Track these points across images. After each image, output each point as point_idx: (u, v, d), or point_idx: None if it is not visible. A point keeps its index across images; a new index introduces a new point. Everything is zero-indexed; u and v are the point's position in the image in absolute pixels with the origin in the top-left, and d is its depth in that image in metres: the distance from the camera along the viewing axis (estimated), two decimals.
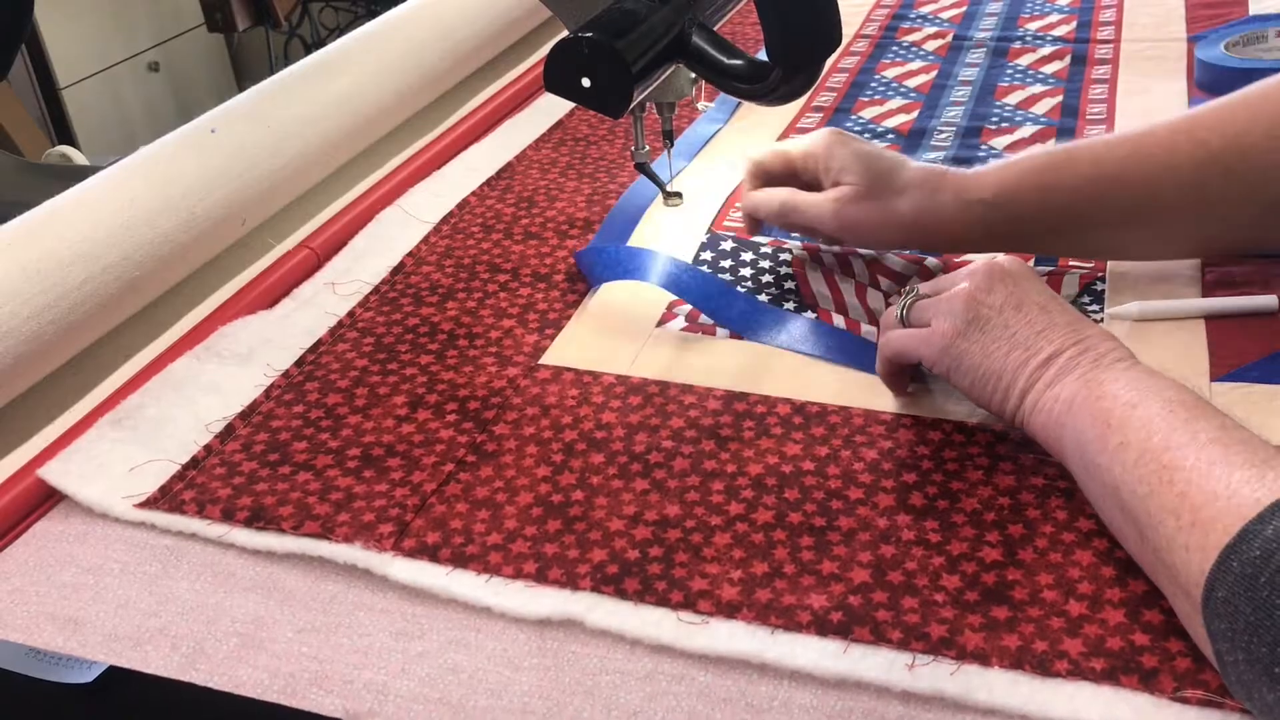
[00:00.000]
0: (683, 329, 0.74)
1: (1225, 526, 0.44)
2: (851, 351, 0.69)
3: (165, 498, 0.62)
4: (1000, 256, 0.62)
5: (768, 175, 0.77)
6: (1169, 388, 0.52)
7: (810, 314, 0.74)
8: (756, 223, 0.79)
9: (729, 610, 0.52)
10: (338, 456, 0.64)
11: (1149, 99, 0.97)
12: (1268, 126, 0.63)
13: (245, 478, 0.63)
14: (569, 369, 0.70)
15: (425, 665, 0.51)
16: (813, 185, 0.75)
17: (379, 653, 0.52)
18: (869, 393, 0.66)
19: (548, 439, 0.64)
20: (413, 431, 0.66)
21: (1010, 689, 0.47)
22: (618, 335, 0.73)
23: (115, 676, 0.53)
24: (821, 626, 0.51)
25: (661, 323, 0.75)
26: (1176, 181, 0.65)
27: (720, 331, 0.73)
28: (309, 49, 2.88)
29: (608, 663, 0.51)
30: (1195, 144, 0.64)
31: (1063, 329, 0.57)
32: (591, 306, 0.77)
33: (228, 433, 0.67)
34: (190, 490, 0.62)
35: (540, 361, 0.71)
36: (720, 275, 0.79)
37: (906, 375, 0.64)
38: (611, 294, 0.78)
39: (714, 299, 0.74)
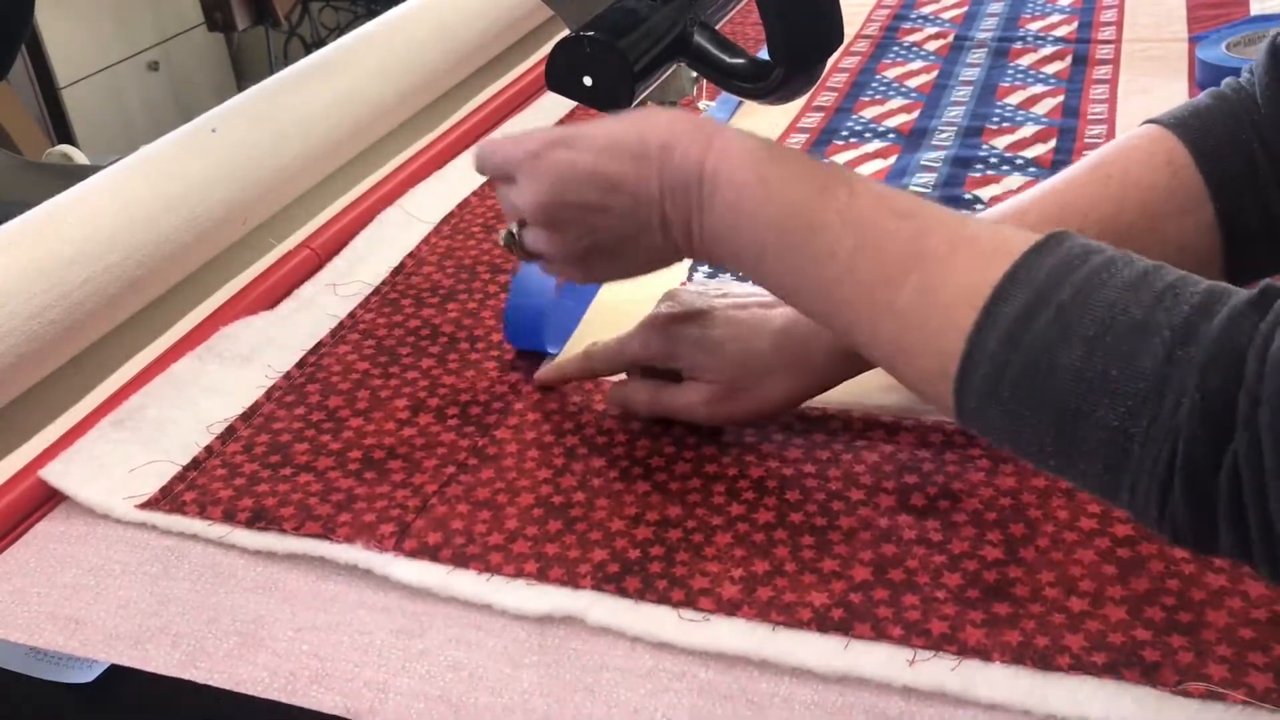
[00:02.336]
0: None
1: (953, 336, 0.44)
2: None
3: (166, 499, 0.62)
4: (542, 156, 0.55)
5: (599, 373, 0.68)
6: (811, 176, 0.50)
7: None
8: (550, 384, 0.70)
9: (730, 607, 0.52)
10: (339, 458, 0.64)
11: (1150, 99, 0.97)
12: (1140, 205, 0.59)
13: (246, 479, 0.63)
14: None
15: (426, 663, 0.51)
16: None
17: (379, 650, 0.52)
18: (871, 392, 0.66)
19: (549, 443, 0.64)
20: (414, 434, 0.65)
21: (1012, 684, 0.47)
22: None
23: (116, 676, 0.53)
24: (822, 623, 0.51)
25: None
26: None
27: None
28: (309, 49, 2.88)
29: (608, 660, 0.51)
30: None
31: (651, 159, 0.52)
32: (594, 310, 0.77)
33: (229, 434, 0.67)
34: (191, 491, 0.62)
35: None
36: (721, 274, 0.78)
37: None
38: (613, 298, 0.78)
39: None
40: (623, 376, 0.67)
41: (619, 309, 0.74)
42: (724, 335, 0.62)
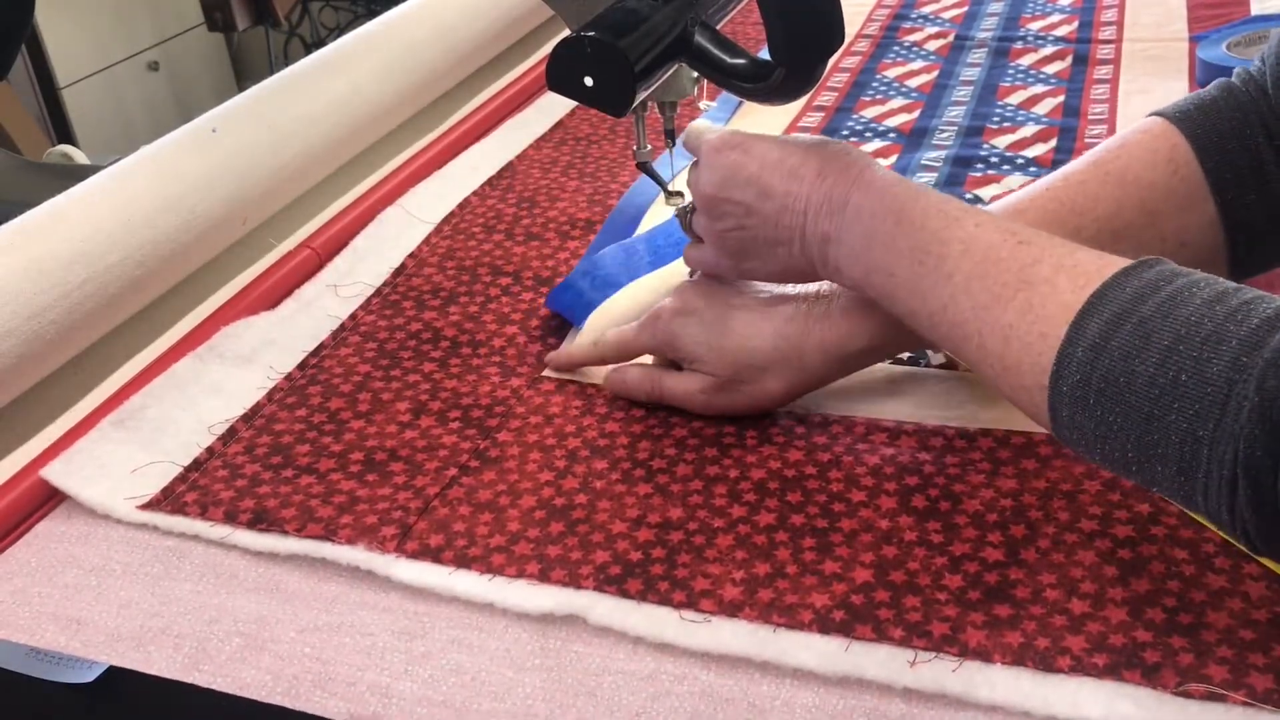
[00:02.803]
0: None
1: (1048, 349, 0.48)
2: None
3: (168, 499, 0.62)
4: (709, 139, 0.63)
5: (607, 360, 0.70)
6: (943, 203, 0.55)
7: None
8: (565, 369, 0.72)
9: (731, 609, 0.52)
10: (340, 460, 0.64)
11: (1150, 99, 0.97)
12: (1139, 202, 0.61)
13: (248, 480, 0.63)
14: (572, 380, 0.70)
15: (428, 666, 0.51)
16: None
17: (382, 653, 0.52)
18: (871, 395, 0.66)
19: (551, 445, 0.64)
20: (415, 437, 0.65)
21: (1013, 685, 0.47)
22: None
23: (116, 676, 0.53)
24: (824, 625, 0.51)
25: None
26: None
27: None
28: (309, 49, 2.88)
29: (610, 663, 0.51)
30: (1069, 233, 0.60)
31: (808, 179, 0.59)
32: (595, 314, 0.77)
33: (230, 435, 0.67)
34: (193, 492, 0.62)
35: (544, 372, 0.71)
36: None
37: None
38: (614, 302, 0.78)
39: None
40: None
41: (634, 296, 0.75)
42: (724, 331, 0.63)
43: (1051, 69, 1.06)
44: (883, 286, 0.56)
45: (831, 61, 1.10)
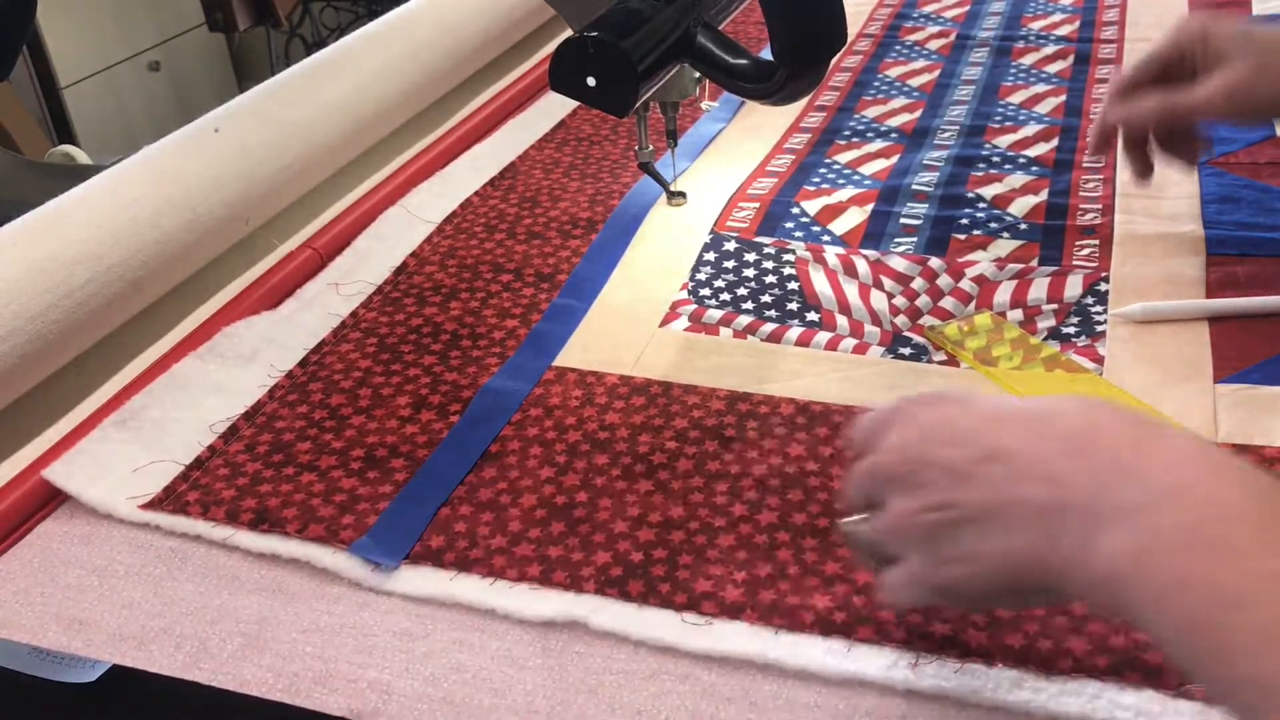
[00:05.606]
0: (686, 329, 0.74)
1: None
2: None
3: (170, 498, 0.62)
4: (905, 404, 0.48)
5: (1136, 85, 0.75)
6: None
7: (814, 314, 0.74)
8: (1106, 142, 0.78)
9: (733, 611, 0.52)
10: (341, 457, 0.64)
11: None
12: None
13: (249, 478, 0.63)
14: (572, 369, 0.70)
15: (429, 665, 0.51)
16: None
17: (384, 652, 0.52)
18: (873, 391, 0.66)
19: (551, 440, 0.64)
20: (416, 432, 0.65)
21: (1014, 687, 0.47)
22: (621, 335, 0.73)
23: (118, 676, 0.53)
24: (825, 626, 0.51)
25: (664, 323, 0.74)
26: None
27: (724, 331, 0.73)
28: (310, 49, 2.88)
29: (612, 662, 0.51)
30: None
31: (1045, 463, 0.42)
32: (594, 306, 0.77)
33: (231, 433, 0.67)
34: (195, 491, 0.62)
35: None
36: (723, 276, 0.79)
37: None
38: (614, 294, 0.78)
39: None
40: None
41: (620, 311, 0.75)
42: (1258, 28, 0.71)
43: (1053, 68, 1.06)
44: (1213, 624, 0.35)
45: (833, 61, 1.10)
